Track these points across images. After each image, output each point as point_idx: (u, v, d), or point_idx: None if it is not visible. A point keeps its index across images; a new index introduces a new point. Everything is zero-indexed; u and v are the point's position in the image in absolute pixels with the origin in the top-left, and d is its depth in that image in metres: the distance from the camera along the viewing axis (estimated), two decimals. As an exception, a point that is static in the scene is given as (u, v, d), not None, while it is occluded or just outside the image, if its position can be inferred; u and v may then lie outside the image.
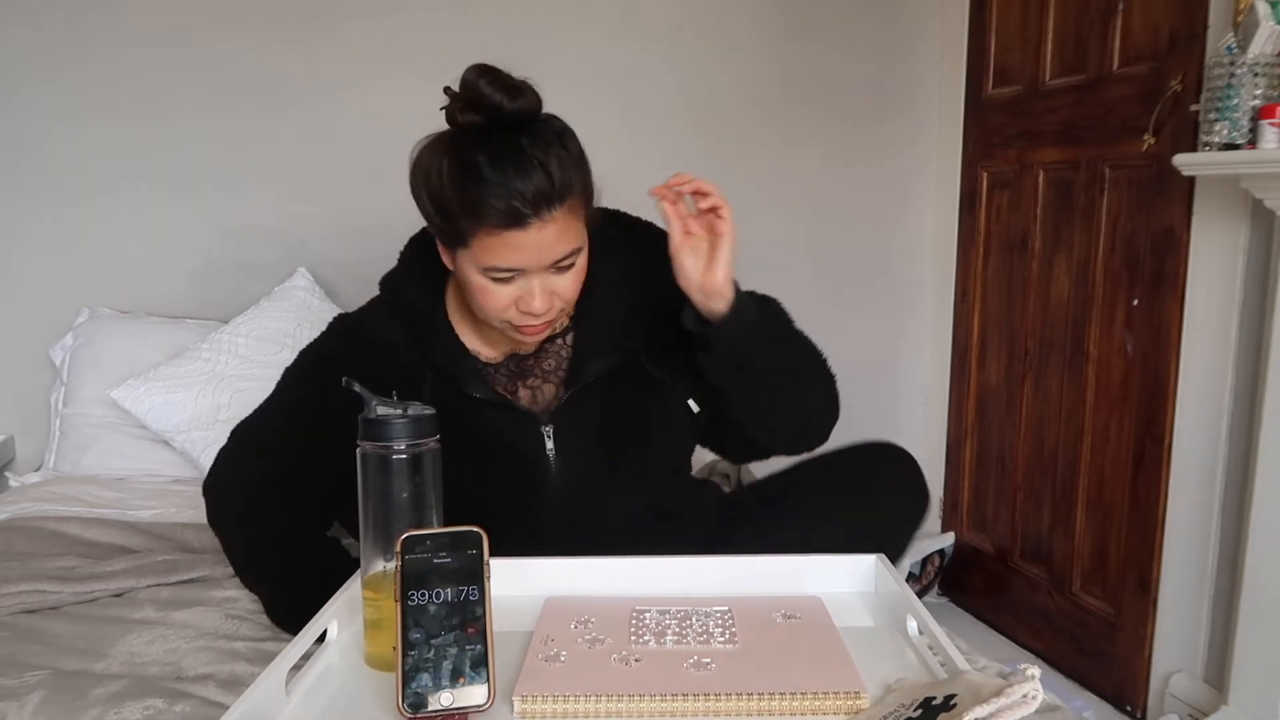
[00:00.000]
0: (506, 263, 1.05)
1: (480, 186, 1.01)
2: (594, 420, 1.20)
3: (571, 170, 1.04)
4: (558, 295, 1.10)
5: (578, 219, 1.08)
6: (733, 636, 0.89)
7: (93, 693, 1.13)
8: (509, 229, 1.02)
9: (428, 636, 0.75)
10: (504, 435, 1.18)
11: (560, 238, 1.05)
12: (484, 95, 1.01)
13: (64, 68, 2.17)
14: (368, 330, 1.22)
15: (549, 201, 1.02)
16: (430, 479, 0.88)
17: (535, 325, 1.12)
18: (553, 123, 1.07)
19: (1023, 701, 0.68)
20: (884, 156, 2.60)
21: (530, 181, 1.01)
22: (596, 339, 1.20)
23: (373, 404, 0.88)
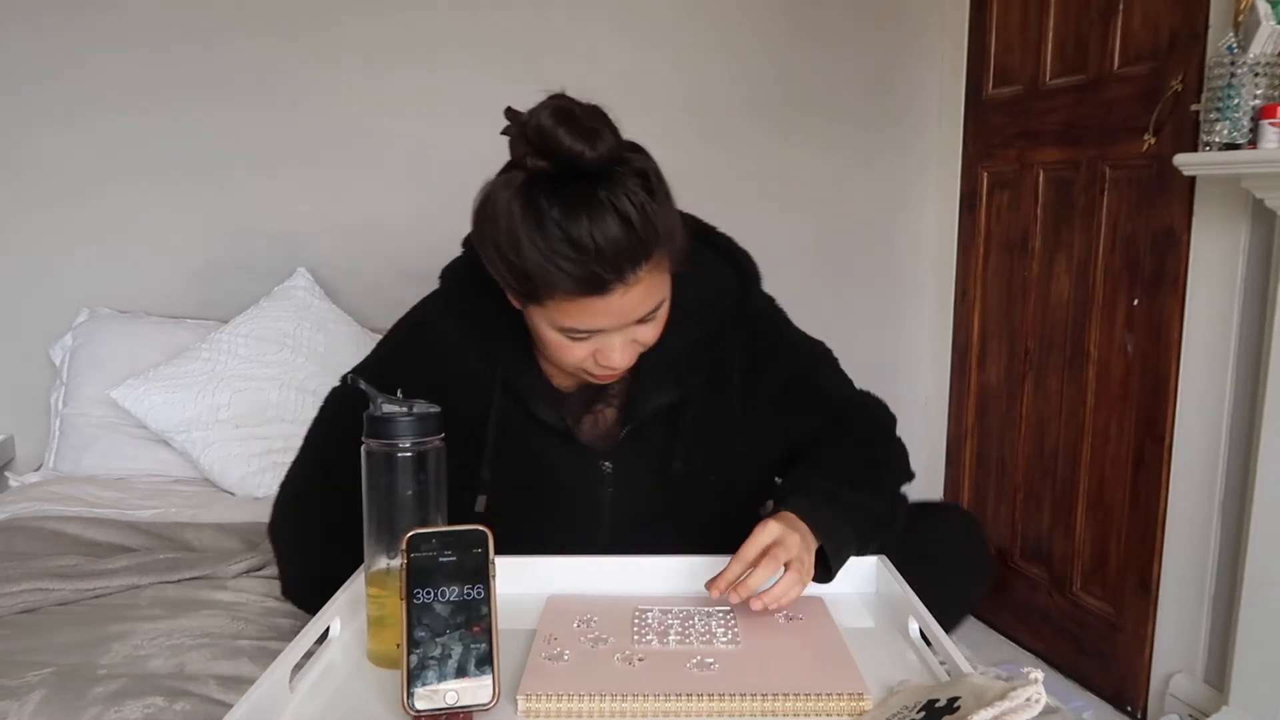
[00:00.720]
0: (586, 326, 0.95)
1: (555, 248, 0.89)
2: (654, 461, 1.11)
3: (657, 218, 0.91)
4: (640, 344, 1.01)
5: (664, 270, 0.96)
6: (735, 637, 0.89)
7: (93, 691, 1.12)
8: (587, 296, 0.92)
9: (433, 634, 0.75)
10: (562, 466, 1.10)
11: (645, 297, 0.95)
12: (561, 144, 0.88)
13: (64, 68, 2.17)
14: (431, 335, 1.12)
15: (633, 262, 0.91)
16: (435, 477, 0.88)
17: (613, 374, 1.03)
18: (634, 162, 0.93)
19: (1026, 705, 0.68)
20: (884, 156, 2.60)
21: (610, 240, 0.88)
22: (657, 371, 1.08)
23: (378, 401, 0.88)
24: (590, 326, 0.96)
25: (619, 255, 0.89)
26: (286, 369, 2.05)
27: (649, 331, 1.00)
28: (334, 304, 2.21)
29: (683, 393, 1.10)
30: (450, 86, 2.33)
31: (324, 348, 2.11)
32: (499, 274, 0.96)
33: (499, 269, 0.95)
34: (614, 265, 0.90)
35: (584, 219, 0.88)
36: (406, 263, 2.37)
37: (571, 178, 0.90)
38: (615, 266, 0.90)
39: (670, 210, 0.95)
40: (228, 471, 1.94)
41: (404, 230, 2.36)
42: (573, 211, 0.89)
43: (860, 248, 2.59)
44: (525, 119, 0.92)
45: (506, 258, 0.93)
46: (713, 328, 1.11)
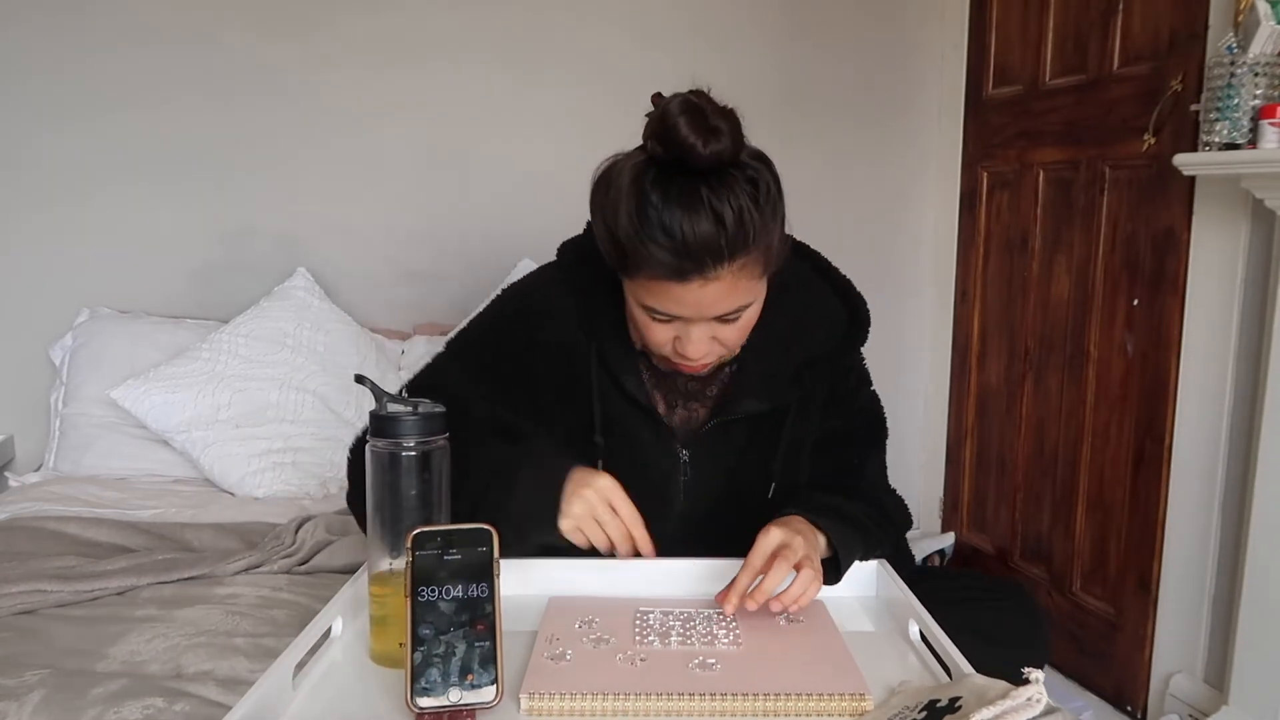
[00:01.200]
0: (665, 309, 0.99)
1: (647, 229, 0.93)
2: (731, 459, 1.15)
3: (753, 225, 0.94)
4: (720, 342, 1.03)
5: (752, 275, 0.98)
6: (736, 638, 0.89)
7: (92, 692, 1.13)
8: (668, 280, 0.95)
9: (437, 632, 0.75)
10: (644, 444, 1.13)
11: (726, 295, 0.97)
12: (678, 134, 0.91)
13: (64, 68, 2.17)
14: (537, 297, 1.15)
15: (716, 258, 0.93)
16: (439, 477, 0.88)
17: (692, 366, 1.05)
18: (749, 169, 0.95)
19: (1027, 704, 0.69)
20: (884, 156, 2.60)
21: (698, 234, 0.91)
22: (758, 379, 1.12)
23: (383, 400, 0.88)
24: (669, 311, 0.99)
25: (703, 249, 0.92)
26: (286, 369, 2.06)
27: (731, 333, 1.02)
28: (334, 304, 2.21)
29: (776, 406, 1.13)
30: (451, 86, 2.33)
31: (324, 348, 2.11)
32: (600, 239, 1.00)
33: (601, 234, 1.00)
34: (696, 257, 0.93)
35: (679, 209, 0.92)
36: (406, 263, 2.38)
37: (682, 169, 0.93)
38: (697, 259, 0.93)
39: (771, 223, 0.97)
40: (228, 471, 1.94)
41: (404, 230, 2.37)
42: (671, 200, 0.92)
43: (860, 247, 2.59)
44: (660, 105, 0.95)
45: (608, 225, 0.97)
46: (822, 354, 1.15)
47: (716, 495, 1.15)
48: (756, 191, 0.95)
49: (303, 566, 1.55)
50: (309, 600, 1.43)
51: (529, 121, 2.37)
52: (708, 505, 1.15)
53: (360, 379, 0.91)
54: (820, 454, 1.18)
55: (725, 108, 0.96)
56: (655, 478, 1.14)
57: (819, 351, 1.15)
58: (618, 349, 1.11)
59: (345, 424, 2.06)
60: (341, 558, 1.56)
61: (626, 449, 1.12)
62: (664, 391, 1.15)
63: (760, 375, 1.12)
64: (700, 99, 0.95)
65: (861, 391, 1.22)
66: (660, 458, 1.13)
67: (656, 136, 0.93)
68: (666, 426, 1.13)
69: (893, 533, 1.17)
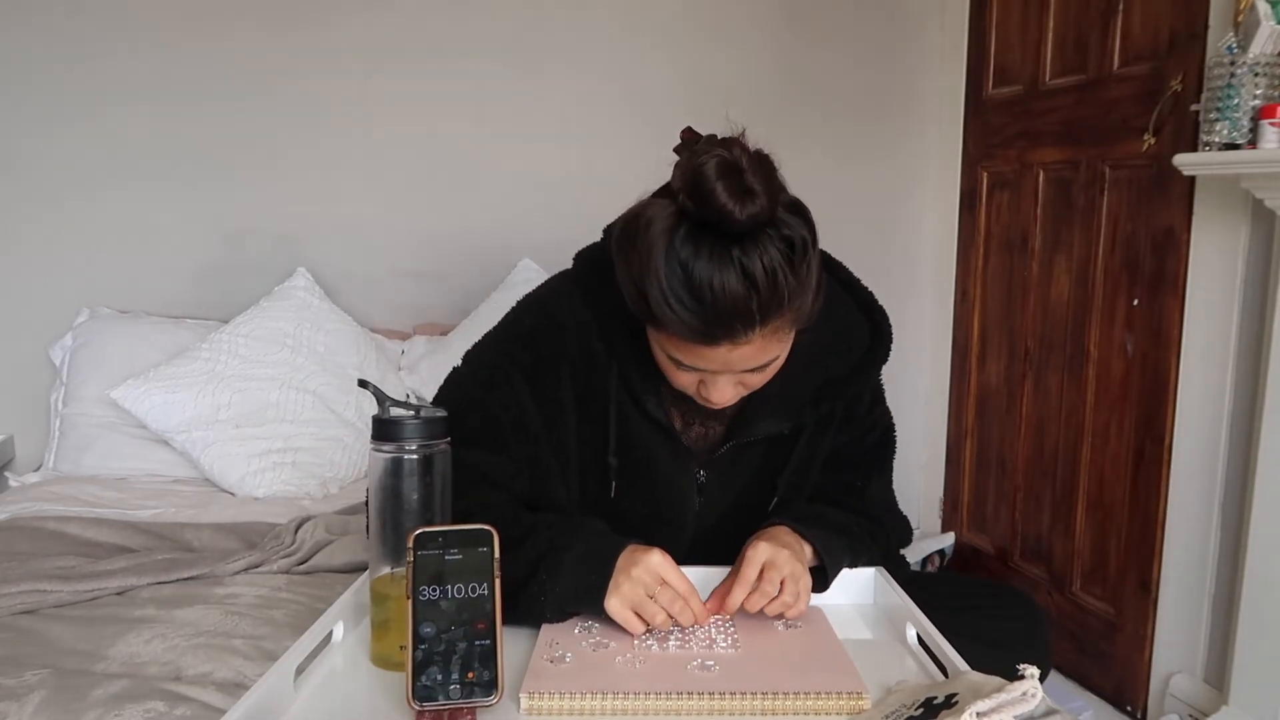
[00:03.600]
0: (691, 363, 0.96)
1: (675, 291, 0.89)
2: (745, 478, 1.14)
3: (787, 287, 0.89)
4: (746, 386, 1.01)
5: (783, 336, 0.95)
6: (735, 642, 0.90)
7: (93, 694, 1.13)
8: (694, 343, 0.92)
9: (438, 631, 0.75)
10: (662, 462, 1.12)
11: (755, 355, 0.94)
12: (715, 200, 0.86)
13: (64, 68, 2.17)
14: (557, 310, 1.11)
15: (747, 324, 0.89)
16: (440, 481, 0.88)
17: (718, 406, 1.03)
18: (784, 227, 0.90)
19: (1022, 699, 0.70)
20: (884, 156, 2.60)
21: (729, 299, 0.87)
22: (778, 399, 1.09)
23: (386, 404, 0.88)
24: (695, 365, 0.96)
25: (734, 315, 0.89)
26: (286, 369, 2.06)
27: (757, 380, 1.00)
28: (334, 304, 2.21)
29: (795, 426, 1.11)
30: (451, 87, 2.33)
31: (324, 348, 2.12)
32: (624, 287, 0.96)
33: (625, 283, 0.96)
34: (726, 323, 0.89)
35: (711, 272, 0.87)
36: (406, 263, 2.38)
37: (714, 228, 0.88)
38: (727, 325, 0.89)
39: (806, 280, 0.92)
40: (228, 471, 1.94)
41: (404, 230, 2.37)
42: (702, 262, 0.88)
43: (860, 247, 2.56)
44: (693, 158, 0.89)
45: (634, 277, 0.93)
46: (844, 375, 1.13)
47: (726, 510, 1.15)
48: (791, 250, 0.90)
49: (302, 566, 1.55)
50: (308, 600, 1.43)
51: (530, 121, 2.37)
52: (716, 518, 1.15)
53: (364, 384, 0.91)
54: (827, 470, 1.17)
55: (760, 157, 0.91)
56: (672, 497, 1.13)
57: (840, 371, 1.12)
58: (639, 368, 1.07)
59: (345, 424, 2.06)
60: (341, 558, 1.56)
61: (644, 468, 1.11)
62: (681, 409, 1.13)
63: (780, 395, 1.08)
64: (734, 152, 0.88)
65: (875, 409, 1.21)
66: (677, 477, 1.12)
67: (690, 196, 0.88)
68: (684, 446, 1.12)
69: (883, 540, 1.16)
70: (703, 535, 1.14)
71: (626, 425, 1.09)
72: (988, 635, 1.06)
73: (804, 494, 1.16)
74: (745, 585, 0.94)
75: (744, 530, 1.07)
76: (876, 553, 1.13)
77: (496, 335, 1.14)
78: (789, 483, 1.14)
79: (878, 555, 1.12)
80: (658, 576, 0.92)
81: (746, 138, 0.92)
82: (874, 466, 1.21)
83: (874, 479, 1.21)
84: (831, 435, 1.16)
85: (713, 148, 0.89)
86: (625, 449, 1.10)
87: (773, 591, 0.94)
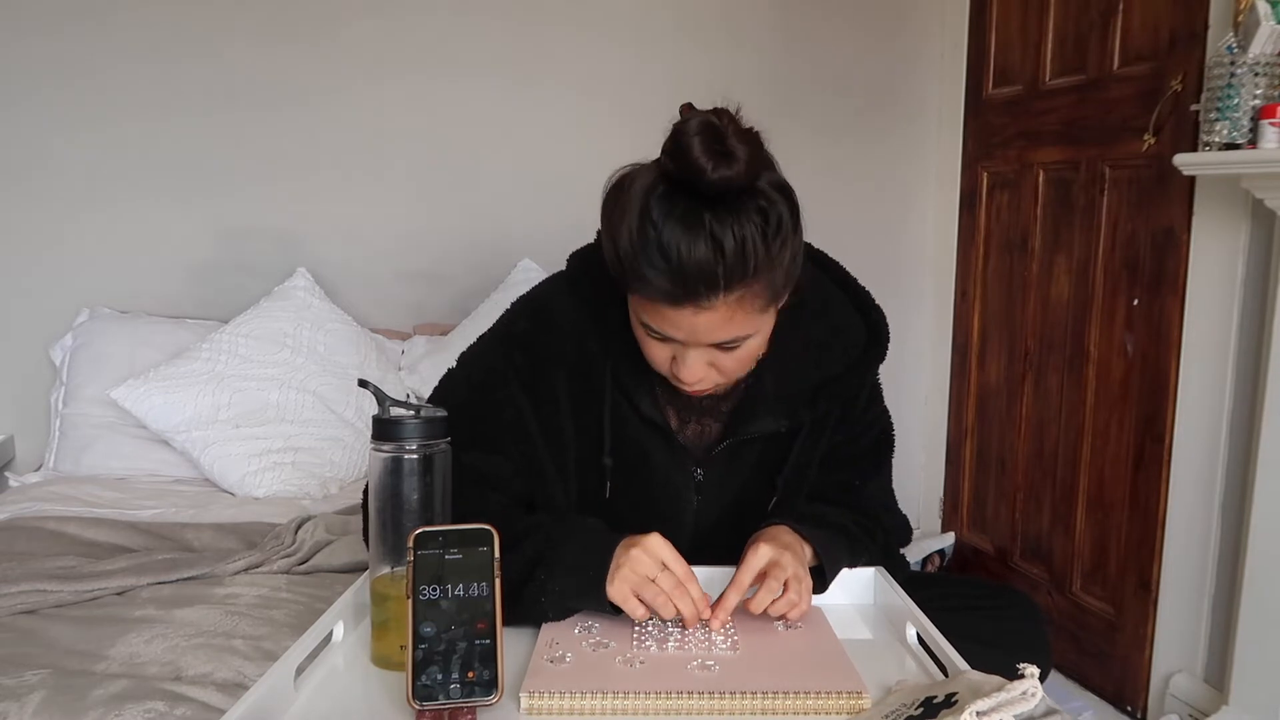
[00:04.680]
0: (659, 329, 0.96)
1: (645, 248, 0.90)
2: (743, 476, 1.14)
3: (755, 257, 0.90)
4: (719, 370, 1.01)
5: (752, 308, 0.94)
6: (735, 643, 0.90)
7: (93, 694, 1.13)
8: (661, 303, 0.93)
9: (438, 631, 0.75)
10: (658, 461, 1.12)
11: (722, 324, 0.94)
12: (689, 155, 0.87)
13: (64, 69, 2.17)
14: (551, 310, 1.11)
15: (711, 287, 0.90)
16: (440, 480, 0.88)
17: (691, 389, 1.03)
18: (760, 198, 0.91)
19: (1022, 698, 0.70)
20: (884, 156, 2.60)
21: (694, 262, 0.88)
22: (775, 397, 1.09)
23: (386, 404, 0.88)
24: (663, 331, 0.96)
25: (698, 278, 0.89)
26: (286, 369, 2.06)
27: (730, 362, 1.00)
28: (334, 304, 2.21)
29: (792, 424, 1.11)
30: (449, 88, 2.33)
31: (324, 348, 2.12)
32: (605, 247, 0.97)
33: (605, 243, 0.97)
34: (690, 285, 0.90)
35: (680, 232, 0.89)
36: (406, 263, 2.38)
37: (690, 191, 0.89)
38: (691, 286, 0.90)
39: (778, 257, 0.93)
40: (228, 471, 1.94)
41: (404, 230, 2.37)
42: (673, 222, 0.89)
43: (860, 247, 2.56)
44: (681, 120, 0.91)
45: (612, 236, 0.95)
46: (840, 373, 1.13)
47: (725, 508, 1.15)
48: (766, 224, 0.90)
49: (302, 566, 1.56)
50: (308, 600, 1.43)
51: (529, 122, 2.37)
52: (715, 517, 1.15)
53: (364, 383, 0.91)
54: (825, 469, 1.17)
55: (749, 130, 0.92)
56: (668, 496, 1.13)
57: (837, 370, 1.12)
58: (633, 368, 1.08)
59: (345, 424, 2.06)
60: (341, 558, 1.56)
61: (641, 467, 1.11)
62: (677, 407, 1.12)
63: (777, 393, 1.09)
64: (722, 120, 0.90)
65: (873, 408, 1.21)
66: (674, 476, 1.12)
67: (670, 154, 0.90)
68: (681, 445, 1.12)
69: (881, 539, 1.16)
70: (702, 534, 1.14)
71: (622, 425, 1.10)
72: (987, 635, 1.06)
73: (802, 493, 1.16)
74: (739, 590, 0.95)
75: (743, 530, 1.07)
76: (876, 552, 1.13)
77: (491, 337, 1.15)
78: (788, 481, 1.14)
79: (877, 555, 1.13)
80: (658, 558, 0.92)
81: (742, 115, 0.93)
82: (872, 466, 1.21)
83: (872, 478, 1.21)
84: (829, 434, 1.16)
85: (702, 113, 0.91)
86: (621, 449, 1.10)
87: (778, 589, 0.94)
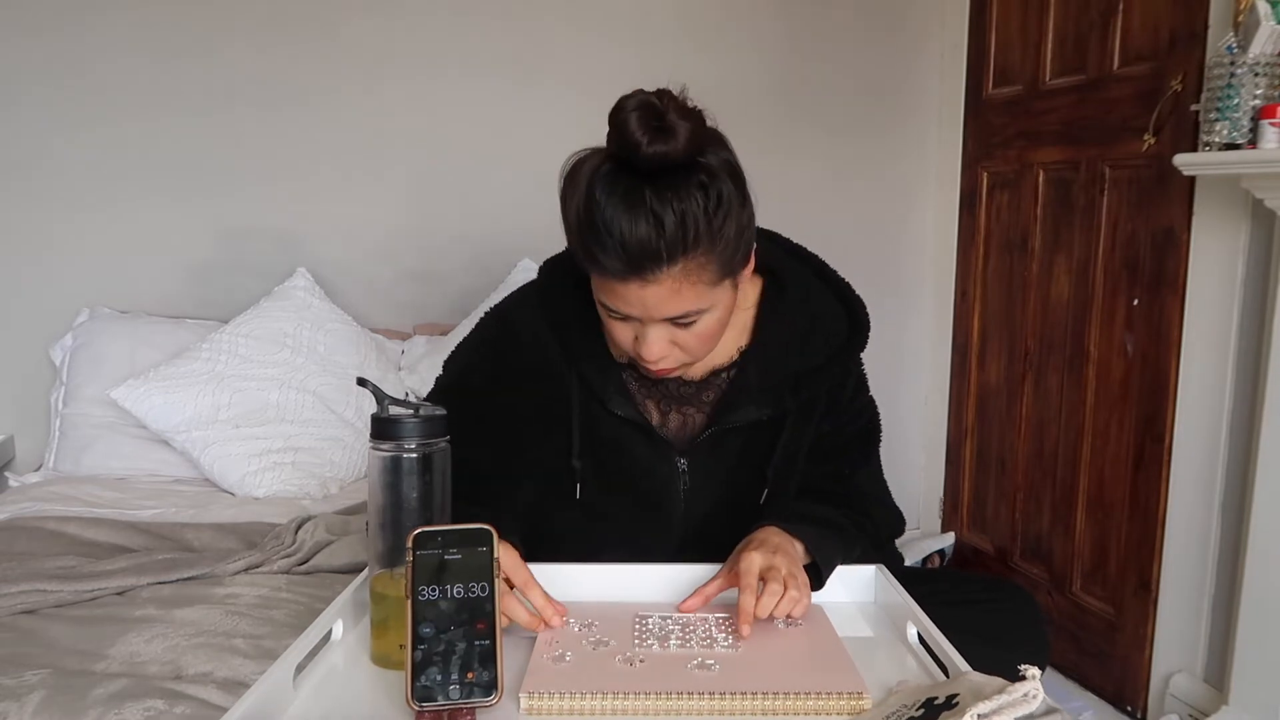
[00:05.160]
0: (614, 306, 0.98)
1: (591, 227, 0.93)
2: (729, 464, 1.14)
3: (695, 231, 0.91)
4: (681, 347, 1.02)
5: (700, 281, 0.95)
6: (735, 642, 0.90)
7: (93, 693, 1.13)
8: (612, 279, 0.95)
9: (437, 631, 0.75)
10: (641, 457, 1.13)
11: (670, 298, 0.95)
12: (625, 130, 0.90)
13: (64, 69, 2.16)
14: (514, 321, 1.15)
15: (654, 261, 0.92)
16: (439, 479, 0.88)
17: (654, 370, 1.04)
18: (701, 173, 0.93)
19: (1024, 700, 0.69)
20: (884, 156, 2.60)
21: (635, 236, 0.90)
22: (756, 386, 1.11)
23: (384, 403, 0.88)
24: (618, 308, 0.98)
25: (640, 253, 0.92)
26: (286, 369, 2.06)
27: (690, 339, 1.01)
28: (334, 304, 2.21)
29: (775, 413, 1.12)
30: (449, 88, 2.33)
31: (324, 348, 2.12)
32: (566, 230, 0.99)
33: (565, 226, 0.99)
34: (633, 259, 0.92)
35: (620, 209, 0.91)
36: (406, 263, 2.38)
37: (631, 168, 0.92)
38: (634, 261, 0.92)
39: (721, 231, 0.94)
40: (228, 471, 1.94)
41: (404, 230, 2.37)
42: (614, 199, 0.92)
43: (860, 247, 2.59)
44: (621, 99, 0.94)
45: (566, 217, 0.98)
46: (822, 362, 1.14)
47: (714, 500, 1.15)
48: (706, 198, 0.92)
49: (302, 567, 1.55)
50: (309, 600, 1.43)
51: (528, 122, 2.37)
52: (705, 509, 1.15)
53: (362, 382, 0.91)
54: (813, 460, 1.18)
55: (691, 108, 0.93)
56: (654, 489, 1.13)
57: (819, 358, 1.14)
58: (597, 369, 1.10)
59: (345, 424, 2.06)
60: (341, 558, 1.56)
61: (622, 465, 1.12)
62: (656, 399, 1.13)
63: (760, 382, 1.11)
64: (664, 99, 0.92)
65: (859, 398, 1.22)
66: (657, 467, 1.13)
67: (611, 130, 0.92)
68: (662, 438, 1.12)
69: (870, 530, 1.16)
70: (693, 526, 1.15)
71: (595, 426, 1.11)
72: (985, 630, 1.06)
73: (793, 483, 1.16)
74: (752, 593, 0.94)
75: (735, 523, 1.08)
76: (867, 544, 1.13)
77: (464, 345, 1.19)
78: (778, 471, 1.14)
79: (869, 547, 1.13)
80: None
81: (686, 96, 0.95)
82: (860, 455, 1.21)
83: (861, 468, 1.21)
84: (816, 423, 1.16)
85: (643, 92, 0.93)
86: (596, 450, 1.11)
87: (780, 591, 0.95)
